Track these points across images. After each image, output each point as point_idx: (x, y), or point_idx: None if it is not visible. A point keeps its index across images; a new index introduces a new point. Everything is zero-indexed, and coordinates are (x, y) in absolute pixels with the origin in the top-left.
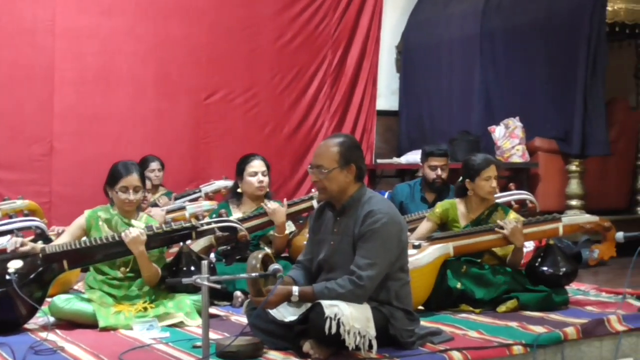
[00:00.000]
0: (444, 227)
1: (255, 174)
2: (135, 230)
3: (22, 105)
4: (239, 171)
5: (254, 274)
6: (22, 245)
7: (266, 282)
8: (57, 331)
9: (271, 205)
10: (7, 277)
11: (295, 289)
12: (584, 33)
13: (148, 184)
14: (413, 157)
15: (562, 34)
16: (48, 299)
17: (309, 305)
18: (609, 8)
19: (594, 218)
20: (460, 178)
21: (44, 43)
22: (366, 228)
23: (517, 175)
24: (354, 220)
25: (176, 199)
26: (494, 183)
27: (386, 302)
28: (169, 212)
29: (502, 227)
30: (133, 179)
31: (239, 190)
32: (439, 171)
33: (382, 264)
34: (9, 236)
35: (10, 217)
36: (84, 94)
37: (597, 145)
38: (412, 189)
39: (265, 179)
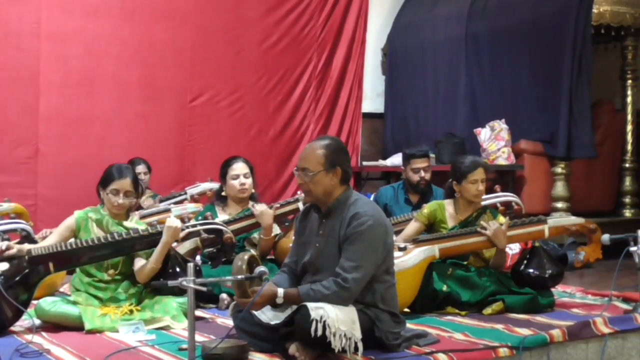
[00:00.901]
0: (432, 228)
1: (237, 177)
2: (178, 222)
3: (7, 107)
4: (222, 174)
5: (239, 276)
6: (8, 248)
7: (252, 283)
8: (43, 334)
9: (259, 207)
10: None
11: (281, 291)
12: (570, 35)
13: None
14: (398, 159)
15: (548, 36)
16: (34, 302)
17: (294, 308)
18: (594, 10)
19: (580, 220)
20: (450, 179)
21: (30, 46)
22: (352, 230)
23: (503, 178)
24: (339, 223)
25: (161, 201)
26: (481, 186)
27: (372, 305)
28: (153, 214)
29: (485, 228)
30: (125, 183)
31: (223, 193)
32: (422, 173)
33: (367, 266)
34: None
35: None
36: (69, 96)
37: (583, 148)
38: (396, 191)
39: (248, 181)
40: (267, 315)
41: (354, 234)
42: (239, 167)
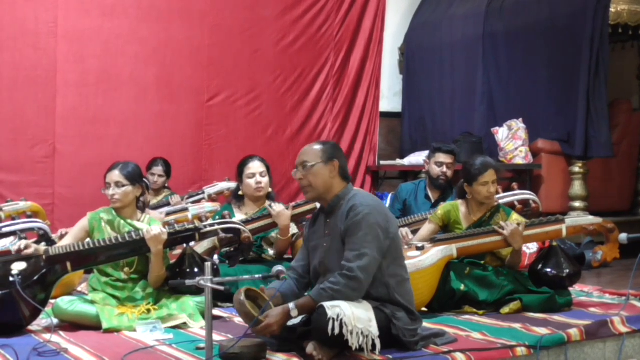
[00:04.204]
0: (446, 229)
1: (253, 175)
2: (157, 228)
3: (25, 107)
4: (239, 173)
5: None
6: (26, 247)
7: (255, 305)
8: (61, 333)
9: (276, 207)
10: (11, 278)
11: (292, 305)
12: (587, 35)
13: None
14: (416, 158)
15: (565, 36)
16: (51, 301)
17: None
18: (611, 9)
19: (597, 220)
20: (462, 180)
21: (47, 45)
22: (349, 222)
23: (520, 177)
24: (339, 218)
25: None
26: (492, 188)
27: (387, 300)
28: (170, 213)
29: (502, 228)
30: (113, 174)
31: (240, 192)
32: (444, 168)
33: (370, 253)
34: (12, 238)
35: (13, 218)
36: (86, 96)
37: (600, 147)
38: (417, 188)
39: (264, 180)
40: None
41: (351, 224)
42: (255, 166)
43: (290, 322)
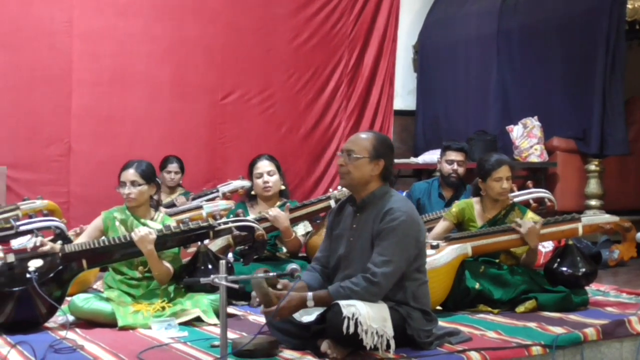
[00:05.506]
0: (461, 227)
1: (261, 175)
2: (144, 229)
3: (40, 106)
4: (250, 173)
5: (271, 273)
6: (42, 244)
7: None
8: (77, 330)
9: (272, 212)
10: (28, 275)
11: (310, 295)
12: (603, 31)
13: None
14: (430, 156)
15: (581, 32)
16: (67, 298)
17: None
18: (628, 6)
19: (614, 218)
20: (477, 177)
21: (62, 45)
22: (384, 225)
23: (536, 175)
24: (373, 217)
25: (194, 198)
26: (505, 184)
27: (403, 302)
28: (185, 211)
29: (519, 226)
30: (128, 173)
31: (252, 192)
32: (454, 165)
33: (398, 262)
34: (28, 236)
35: (30, 217)
36: (101, 94)
37: (616, 145)
38: (430, 186)
39: (272, 179)
40: (299, 313)
41: (386, 229)
42: (263, 165)
43: (305, 320)
